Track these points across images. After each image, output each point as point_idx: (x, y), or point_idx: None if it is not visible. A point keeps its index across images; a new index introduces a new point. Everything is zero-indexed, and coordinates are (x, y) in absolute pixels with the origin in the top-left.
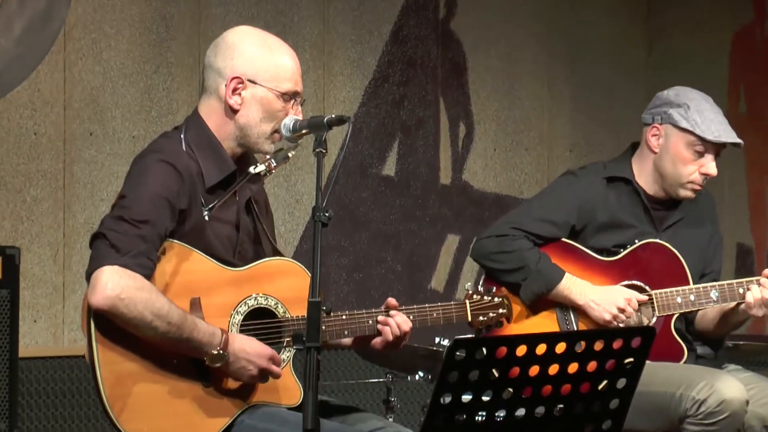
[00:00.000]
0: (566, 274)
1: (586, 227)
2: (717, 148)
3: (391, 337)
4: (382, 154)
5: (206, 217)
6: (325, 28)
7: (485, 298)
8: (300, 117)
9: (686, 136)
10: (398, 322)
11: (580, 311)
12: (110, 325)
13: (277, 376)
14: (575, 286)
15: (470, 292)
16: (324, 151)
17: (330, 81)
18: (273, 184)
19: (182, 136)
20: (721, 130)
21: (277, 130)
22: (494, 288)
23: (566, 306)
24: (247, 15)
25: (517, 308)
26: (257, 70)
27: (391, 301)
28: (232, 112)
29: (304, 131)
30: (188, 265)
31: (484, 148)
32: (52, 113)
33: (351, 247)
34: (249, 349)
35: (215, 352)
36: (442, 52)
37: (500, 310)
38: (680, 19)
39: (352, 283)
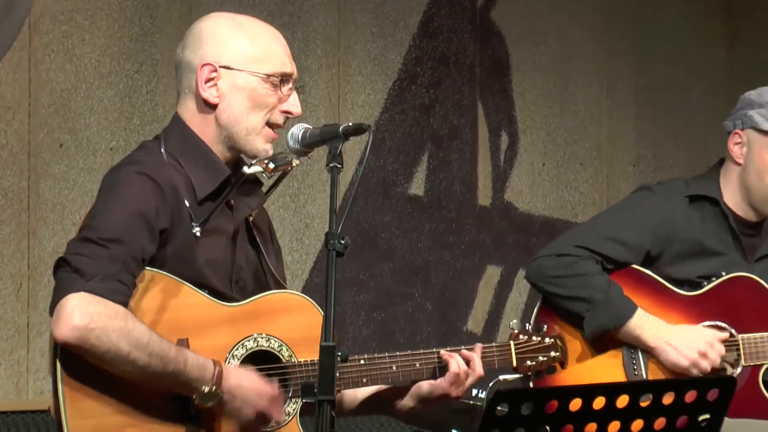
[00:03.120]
0: (639, 310)
1: (662, 254)
2: None
3: (461, 375)
4: (409, 169)
5: (197, 233)
6: (340, 19)
7: (534, 338)
8: (297, 105)
9: None
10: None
11: (651, 354)
12: (80, 365)
13: (279, 421)
14: (648, 324)
15: (516, 331)
16: (339, 165)
17: (346, 82)
18: (278, 206)
19: (162, 147)
20: None
21: (270, 123)
22: (545, 326)
23: (635, 346)
24: (247, 3)
25: (575, 344)
26: (231, 53)
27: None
28: (210, 108)
29: (315, 142)
30: (173, 300)
31: (530, 162)
32: (14, 121)
33: (371, 281)
34: (247, 385)
35: (206, 390)
36: (480, 48)
37: (552, 353)
38: None
39: (373, 324)
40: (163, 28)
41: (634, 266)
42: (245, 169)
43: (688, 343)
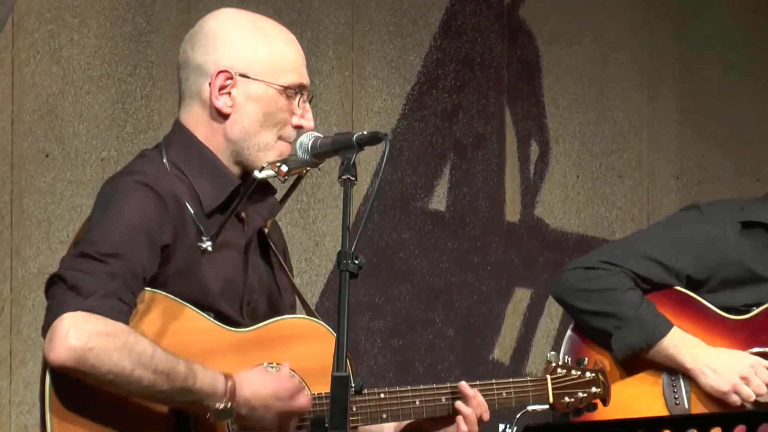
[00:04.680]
0: (674, 328)
1: (707, 281)
2: None
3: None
4: (429, 182)
5: (208, 248)
6: (354, 17)
7: (573, 372)
8: (311, 119)
9: None
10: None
11: (689, 377)
12: (73, 394)
13: (305, 411)
14: (685, 344)
15: (553, 363)
16: (353, 178)
17: (361, 86)
18: (285, 222)
19: (164, 156)
20: None
21: (282, 137)
22: (586, 359)
23: (676, 372)
24: None
25: (607, 367)
26: (249, 61)
27: (464, 387)
28: (221, 117)
29: (327, 152)
30: (175, 324)
31: (563, 174)
32: None
33: (388, 305)
34: (263, 391)
35: (221, 407)
36: (508, 49)
37: (593, 389)
38: None
39: (390, 353)
40: (160, 27)
41: (676, 288)
42: (256, 173)
43: (729, 366)
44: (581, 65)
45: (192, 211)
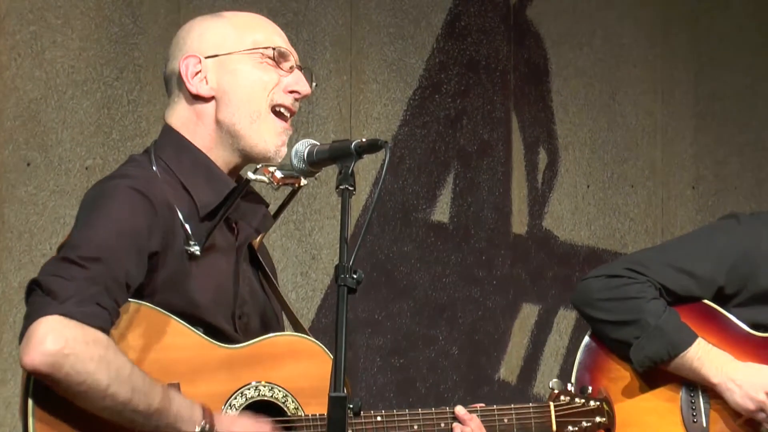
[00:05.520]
0: (699, 339)
1: (739, 293)
2: None
3: None
4: (432, 192)
5: (197, 251)
6: (353, 17)
7: (577, 400)
8: (305, 83)
9: None
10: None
11: (713, 394)
12: (58, 408)
13: None
14: (710, 357)
15: (556, 391)
16: (351, 188)
17: (359, 91)
18: (280, 234)
19: (153, 161)
20: None
21: (276, 105)
22: (590, 388)
23: (695, 385)
24: None
25: (625, 379)
26: (213, 41)
27: (459, 411)
28: (205, 104)
29: (324, 161)
30: (162, 339)
31: (573, 183)
32: None
33: (388, 322)
34: (240, 426)
35: (198, 430)
36: (515, 51)
37: (597, 419)
38: None
39: (390, 372)
40: (147, 28)
41: (703, 301)
42: (249, 174)
43: (756, 381)
44: (591, 68)
45: (182, 217)
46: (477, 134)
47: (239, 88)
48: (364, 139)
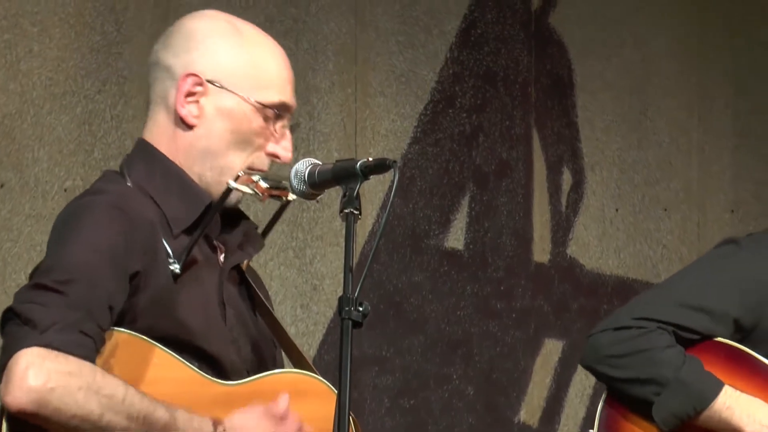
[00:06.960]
0: (725, 387)
1: (758, 326)
2: None
3: None
4: (445, 216)
5: (176, 269)
6: (358, 24)
7: None
8: (289, 149)
9: None
10: None
11: None
12: None
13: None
14: (739, 404)
15: None
16: (356, 212)
17: (365, 105)
18: (278, 262)
19: (127, 178)
20: None
21: (252, 167)
22: None
23: None
24: (239, 4)
25: None
26: (224, 68)
27: None
28: (186, 127)
29: (326, 182)
30: (150, 372)
31: (600, 207)
32: None
33: (398, 359)
34: (251, 424)
35: None
36: (536, 62)
37: None
38: None
39: (399, 414)
40: (133, 36)
41: (719, 339)
42: (230, 182)
43: None
44: (620, 80)
45: (163, 236)
46: (495, 153)
47: (224, 135)
48: (370, 159)
